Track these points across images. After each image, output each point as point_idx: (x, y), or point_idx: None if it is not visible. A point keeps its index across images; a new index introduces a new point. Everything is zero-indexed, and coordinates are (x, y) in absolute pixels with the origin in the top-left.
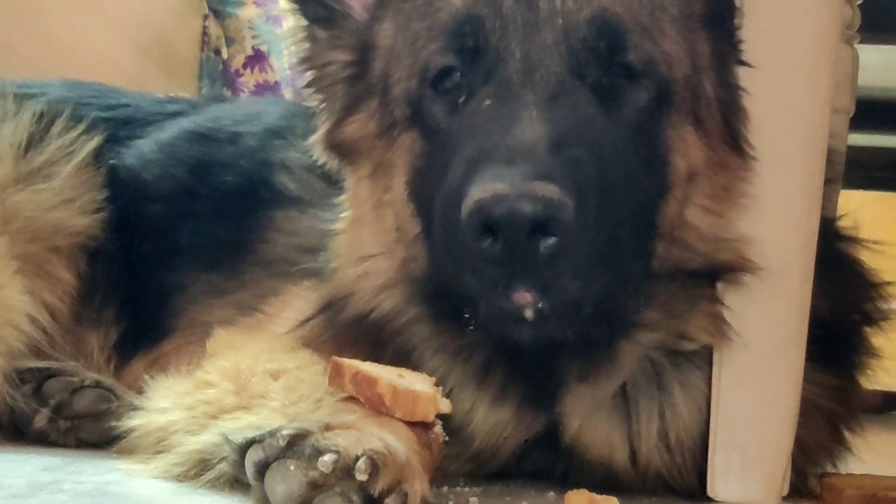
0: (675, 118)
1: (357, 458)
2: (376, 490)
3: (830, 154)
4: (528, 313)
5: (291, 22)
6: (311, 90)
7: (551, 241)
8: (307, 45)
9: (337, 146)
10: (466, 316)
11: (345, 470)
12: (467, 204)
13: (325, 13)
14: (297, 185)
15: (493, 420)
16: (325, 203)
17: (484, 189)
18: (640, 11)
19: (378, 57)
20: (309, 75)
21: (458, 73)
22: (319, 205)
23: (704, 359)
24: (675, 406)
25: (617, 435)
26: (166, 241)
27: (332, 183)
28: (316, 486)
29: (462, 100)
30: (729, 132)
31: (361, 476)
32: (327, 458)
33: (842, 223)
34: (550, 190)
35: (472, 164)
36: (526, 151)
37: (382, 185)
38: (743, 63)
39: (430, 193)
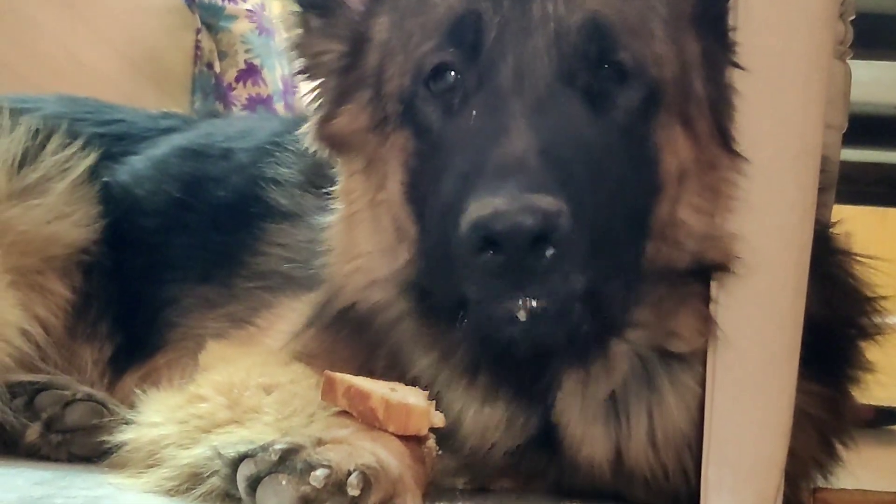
0: (665, 118)
1: (349, 473)
2: None
3: (823, 162)
4: (521, 314)
5: (284, 6)
6: (302, 77)
7: (550, 251)
8: (300, 31)
9: (328, 137)
10: (457, 316)
11: (337, 485)
12: (466, 220)
13: (321, 1)
14: (288, 200)
15: (484, 421)
16: (316, 218)
17: (482, 205)
18: (630, 14)
19: (372, 50)
20: (300, 62)
21: (453, 73)
22: (311, 219)
23: (696, 359)
24: (665, 406)
25: (606, 435)
26: (159, 256)
27: (324, 198)
28: (308, 501)
29: (456, 103)
30: (719, 131)
31: (353, 491)
32: (319, 472)
33: (835, 236)
34: (547, 202)
35: (467, 176)
36: (519, 163)
37: (376, 182)
38: (735, 65)
39: (425, 197)
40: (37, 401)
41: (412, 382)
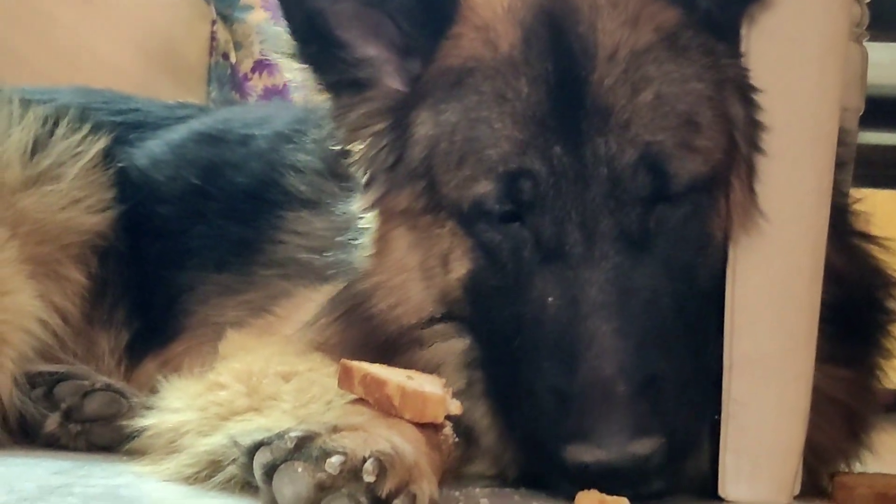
0: (717, 197)
1: (364, 460)
2: (384, 491)
3: (840, 143)
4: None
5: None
6: (344, 150)
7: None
8: (331, 103)
9: (378, 210)
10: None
11: (352, 471)
12: (567, 459)
13: (350, 82)
14: (308, 187)
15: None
16: (336, 206)
17: (583, 451)
18: (679, 123)
19: (417, 144)
20: (339, 131)
21: (516, 223)
22: (331, 207)
23: None
24: None
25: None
26: (176, 242)
27: (344, 186)
28: (323, 488)
29: (527, 254)
30: (753, 176)
31: (369, 477)
32: (334, 459)
33: (854, 219)
34: (647, 446)
35: (557, 396)
36: (613, 397)
37: (428, 250)
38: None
39: (489, 302)
40: (56, 391)
41: None
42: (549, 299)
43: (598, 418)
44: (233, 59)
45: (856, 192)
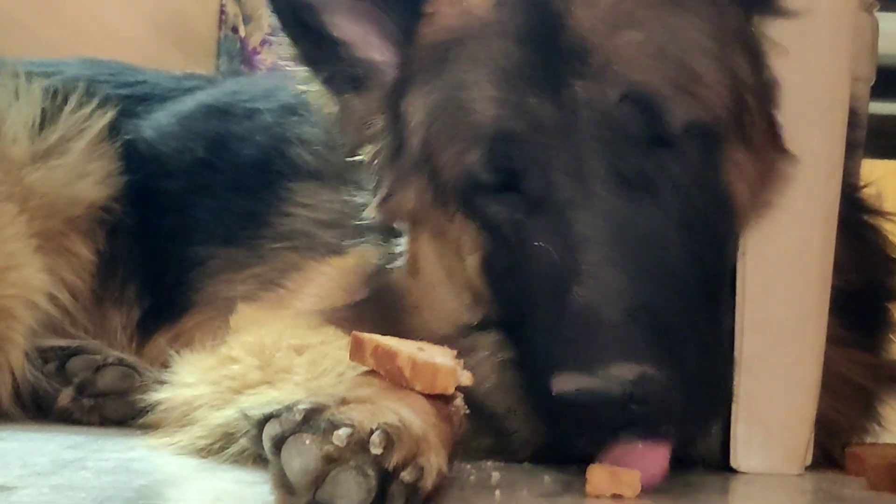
0: (728, 149)
1: (372, 432)
2: (391, 464)
3: (852, 117)
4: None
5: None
6: (353, 151)
7: (644, 404)
8: (338, 108)
9: (391, 212)
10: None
11: (359, 444)
12: (555, 387)
13: (350, 80)
14: (314, 158)
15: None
16: (343, 177)
17: (569, 380)
18: (671, 66)
19: (412, 134)
20: (346, 136)
21: (506, 184)
22: (338, 178)
23: None
24: None
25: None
26: (184, 216)
27: (351, 156)
28: (331, 460)
29: (522, 213)
30: (772, 131)
31: (376, 450)
32: (342, 432)
33: (865, 193)
34: (630, 370)
35: (550, 333)
36: (599, 323)
37: (449, 253)
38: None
39: (503, 283)
40: (68, 365)
41: None
42: (544, 247)
43: (582, 344)
44: (242, 32)
45: (867, 164)
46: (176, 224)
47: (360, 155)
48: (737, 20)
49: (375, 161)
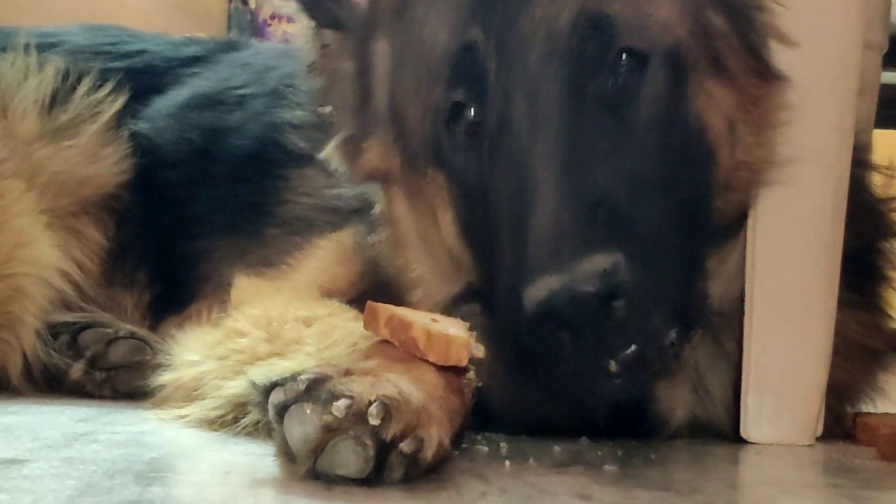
0: (695, 79)
1: (370, 404)
2: (389, 435)
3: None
4: (612, 366)
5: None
6: (321, 99)
7: (620, 302)
8: (316, 47)
9: (363, 171)
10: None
11: (358, 415)
12: (527, 305)
13: (330, 15)
14: (308, 142)
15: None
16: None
17: (536, 287)
18: None
19: (379, 83)
20: (320, 82)
21: (471, 111)
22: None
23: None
24: (733, 362)
25: (687, 399)
26: (186, 208)
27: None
28: (330, 430)
29: (485, 148)
30: (754, 58)
31: (374, 421)
32: (341, 402)
33: (874, 159)
34: (599, 261)
35: (516, 252)
36: (557, 227)
37: (422, 212)
38: None
39: (476, 236)
40: (80, 339)
41: None
42: (504, 174)
43: (548, 249)
44: (252, 4)
45: (879, 134)
46: (179, 216)
47: (329, 105)
48: None
49: (337, 101)
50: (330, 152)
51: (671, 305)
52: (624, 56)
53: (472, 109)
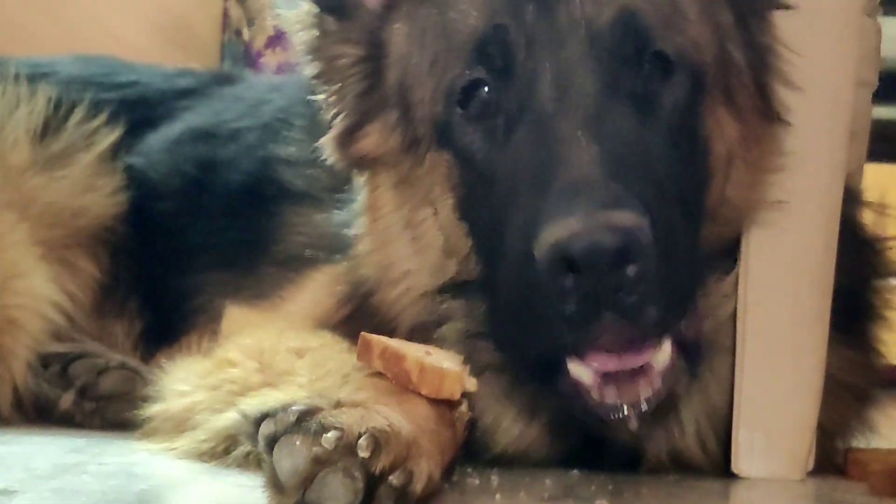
0: (710, 102)
1: (360, 436)
2: (378, 467)
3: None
4: (631, 416)
5: (299, 8)
6: (318, 82)
7: (634, 267)
8: (316, 33)
9: (354, 157)
10: (541, 376)
11: (347, 447)
12: (541, 245)
13: (337, 2)
14: (302, 180)
15: (522, 437)
16: (332, 197)
17: (558, 227)
18: (661, 1)
19: (392, 65)
20: (316, 66)
21: (487, 89)
22: (326, 199)
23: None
24: (710, 396)
25: (661, 431)
26: (180, 243)
27: (338, 176)
28: (319, 462)
29: (500, 132)
30: (761, 99)
31: (363, 453)
32: (330, 434)
33: (865, 197)
34: (625, 217)
35: (533, 206)
36: (588, 179)
37: (413, 201)
38: (781, 5)
39: (480, 220)
40: (71, 369)
41: None
42: (525, 152)
43: (575, 195)
44: (246, 35)
45: (869, 168)
46: (172, 250)
47: (324, 92)
48: None
49: (339, 91)
50: (326, 141)
51: (671, 307)
52: (654, 58)
53: (487, 87)
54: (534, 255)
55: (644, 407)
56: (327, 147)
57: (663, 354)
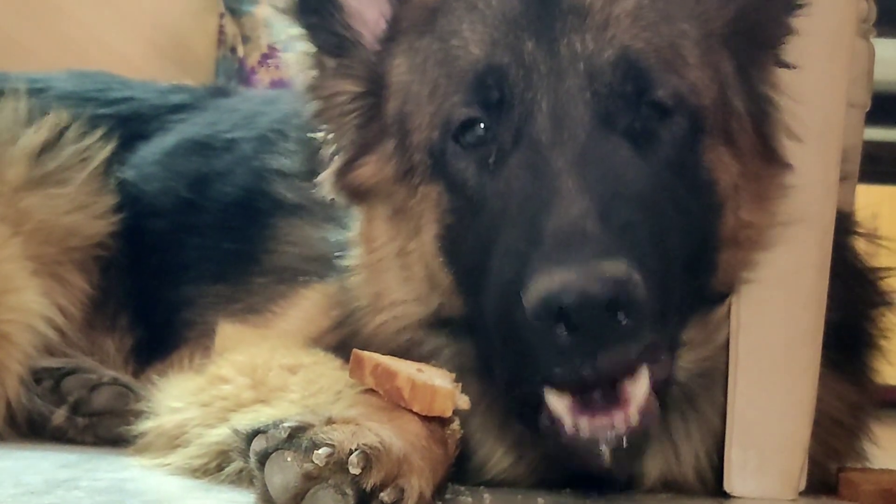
0: (710, 142)
1: (351, 453)
2: (369, 484)
3: (846, 150)
4: (605, 451)
5: (300, 48)
6: (317, 120)
7: (624, 317)
8: (315, 72)
9: (350, 188)
10: (528, 410)
11: (338, 464)
12: (533, 294)
13: (335, 41)
14: (295, 193)
15: (515, 467)
16: (324, 210)
17: (549, 278)
18: (661, 44)
19: (392, 96)
20: (315, 105)
21: (483, 126)
22: (319, 212)
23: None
24: (708, 424)
25: (658, 459)
26: (172, 255)
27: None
28: (311, 478)
29: (492, 160)
30: (762, 143)
31: (354, 470)
32: (322, 451)
33: (857, 220)
34: (616, 268)
35: (523, 248)
36: (579, 229)
37: (405, 232)
38: (783, 65)
39: (463, 251)
40: (63, 385)
41: None
42: (516, 183)
43: (567, 245)
44: (240, 52)
45: (862, 190)
46: (165, 263)
47: (324, 130)
48: (720, 18)
49: (339, 126)
50: (325, 177)
51: (658, 351)
52: (654, 103)
53: (483, 124)
54: (522, 302)
55: (621, 443)
56: (325, 183)
57: (641, 389)
